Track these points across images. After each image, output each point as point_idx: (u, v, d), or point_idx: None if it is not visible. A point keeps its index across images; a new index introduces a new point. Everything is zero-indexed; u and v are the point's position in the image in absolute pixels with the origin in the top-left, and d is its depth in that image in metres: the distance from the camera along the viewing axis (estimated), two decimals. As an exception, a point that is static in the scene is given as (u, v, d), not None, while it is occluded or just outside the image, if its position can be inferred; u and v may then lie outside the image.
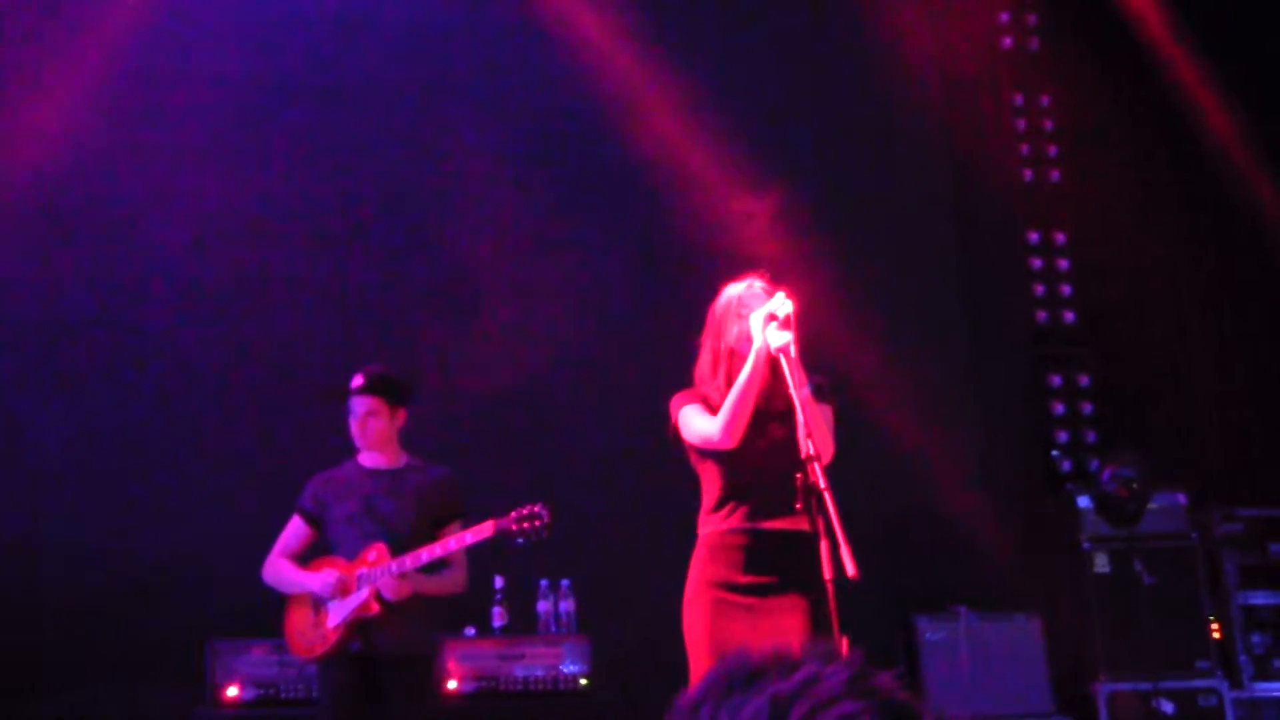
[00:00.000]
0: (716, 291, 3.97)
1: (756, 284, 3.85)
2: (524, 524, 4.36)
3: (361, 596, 4.42)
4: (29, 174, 6.55)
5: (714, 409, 3.74)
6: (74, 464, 6.34)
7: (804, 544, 3.37)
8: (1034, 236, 7.50)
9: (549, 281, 6.95)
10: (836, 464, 3.54)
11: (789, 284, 3.78)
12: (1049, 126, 7.65)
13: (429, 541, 4.46)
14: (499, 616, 5.90)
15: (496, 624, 5.88)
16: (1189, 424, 7.36)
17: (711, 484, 3.80)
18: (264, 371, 6.58)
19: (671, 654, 3.89)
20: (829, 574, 3.18)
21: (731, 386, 3.68)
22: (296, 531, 4.71)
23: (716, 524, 3.75)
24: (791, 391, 3.44)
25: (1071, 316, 7.42)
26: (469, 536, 4.39)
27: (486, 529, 4.37)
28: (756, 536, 3.68)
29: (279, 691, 5.48)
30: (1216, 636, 6.47)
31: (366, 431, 4.65)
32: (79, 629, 5.96)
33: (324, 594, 4.49)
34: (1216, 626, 6.50)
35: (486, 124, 7.10)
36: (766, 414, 3.72)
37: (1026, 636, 6.30)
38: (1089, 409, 7.28)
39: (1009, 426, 7.21)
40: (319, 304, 6.75)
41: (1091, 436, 7.23)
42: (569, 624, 5.88)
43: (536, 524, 4.36)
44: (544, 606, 5.91)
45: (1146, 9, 7.54)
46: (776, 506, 3.61)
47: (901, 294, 7.15)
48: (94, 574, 6.08)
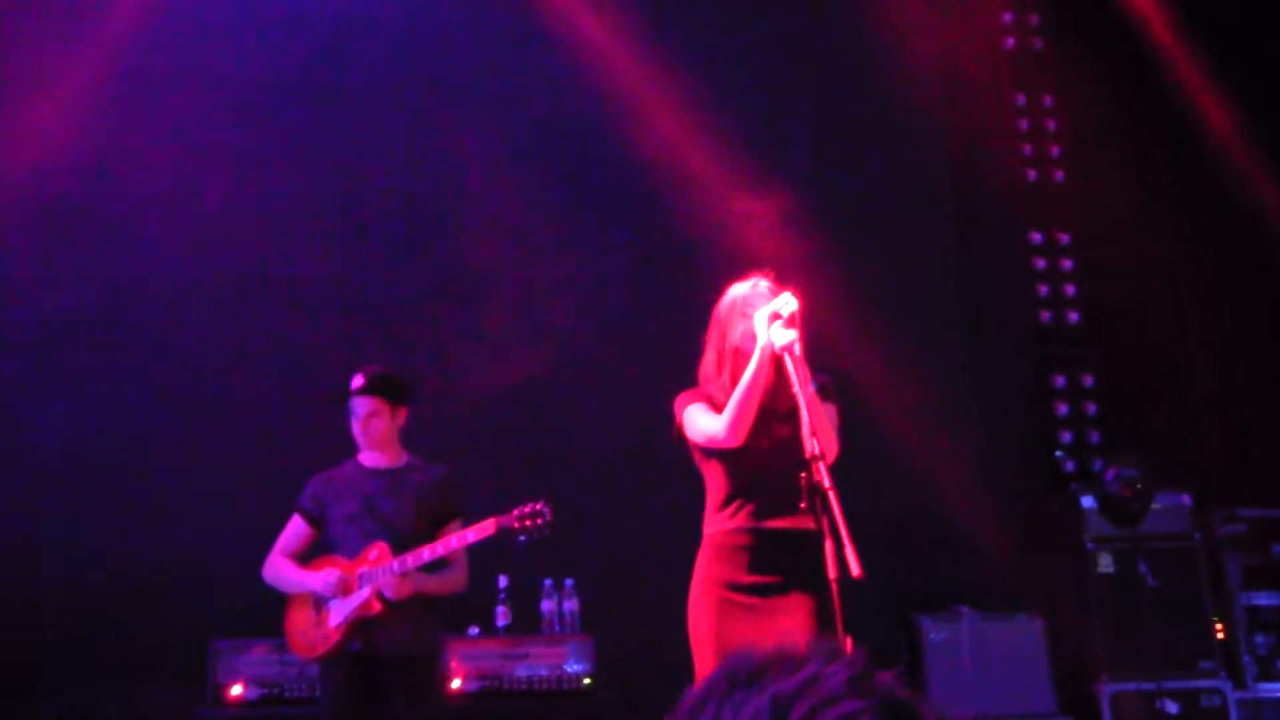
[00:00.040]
0: (717, 292, 3.96)
1: (762, 283, 3.84)
2: (526, 522, 4.35)
3: (363, 595, 4.41)
4: (29, 174, 6.54)
5: (719, 408, 3.72)
6: (74, 464, 6.34)
7: (809, 543, 3.35)
8: (1037, 237, 7.50)
9: (550, 281, 6.95)
10: (839, 464, 3.52)
11: (791, 284, 3.76)
12: (1052, 127, 7.64)
13: (429, 540, 4.45)
14: (503, 616, 5.89)
15: (500, 623, 5.88)
16: (1193, 424, 7.36)
17: (716, 483, 3.78)
18: (264, 371, 6.57)
19: (675, 654, 3.88)
20: (833, 574, 3.17)
21: (736, 385, 3.66)
22: (296, 531, 4.70)
23: (721, 523, 3.73)
24: (796, 390, 3.42)
25: (1075, 317, 7.41)
26: (471, 535, 4.38)
27: (488, 527, 4.36)
28: (761, 536, 3.66)
29: (282, 691, 5.48)
30: (1220, 637, 6.46)
31: (369, 432, 4.64)
32: (79, 629, 5.95)
33: (325, 593, 4.47)
34: (1220, 627, 6.49)
35: (487, 124, 7.10)
36: (771, 413, 3.71)
37: (1029, 637, 6.29)
38: (1093, 409, 7.27)
39: (1012, 427, 7.21)
40: (319, 304, 6.75)
41: (1095, 437, 7.22)
42: (573, 624, 5.87)
43: (539, 521, 4.35)
44: (548, 606, 5.91)
45: (1149, 10, 7.55)
46: (781, 506, 3.60)
47: (904, 294, 7.14)
48: (94, 574, 6.07)
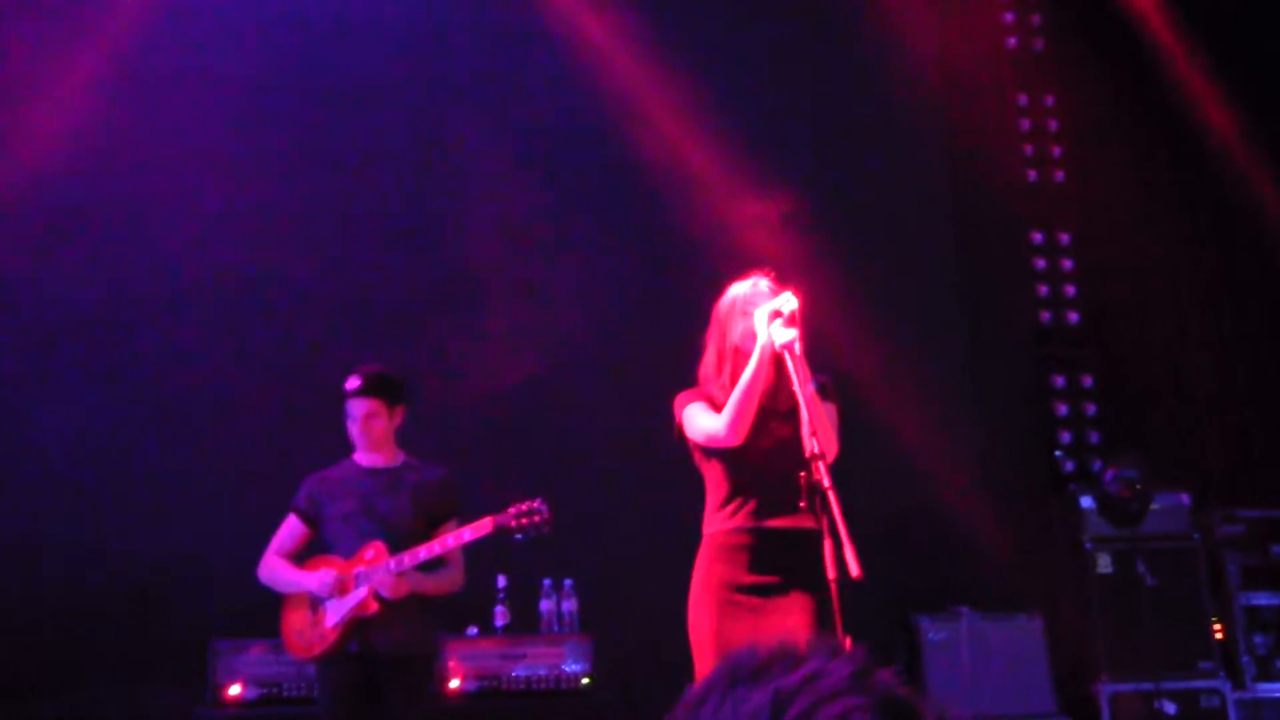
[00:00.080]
0: (718, 291, 3.96)
1: (762, 282, 3.84)
2: (523, 520, 4.34)
3: (359, 595, 4.40)
4: (29, 174, 6.53)
5: (719, 407, 3.72)
6: (74, 464, 6.33)
7: (809, 542, 3.35)
8: (1038, 237, 7.49)
9: (550, 282, 6.94)
10: (839, 463, 3.53)
11: (791, 284, 3.76)
12: (1053, 127, 7.64)
13: (426, 540, 4.44)
14: (501, 616, 5.89)
15: (499, 623, 5.88)
16: (1192, 425, 7.36)
17: (716, 483, 3.78)
18: (264, 371, 6.57)
19: (673, 654, 3.88)
20: (832, 574, 3.17)
21: (736, 384, 3.66)
22: (292, 531, 4.68)
23: (721, 523, 3.73)
24: (796, 389, 3.42)
25: (1075, 317, 7.40)
26: (468, 534, 4.37)
27: (485, 526, 4.35)
28: (761, 535, 3.66)
29: (281, 691, 5.47)
30: (1219, 637, 6.46)
31: (368, 433, 4.62)
32: (79, 629, 5.94)
33: (321, 593, 4.46)
34: (1219, 627, 6.49)
35: (487, 125, 7.10)
36: (771, 412, 3.71)
37: (1028, 637, 6.29)
38: (1092, 410, 7.27)
39: (1012, 427, 7.21)
40: (319, 304, 6.74)
41: (1094, 437, 7.22)
42: (571, 623, 5.87)
43: (536, 520, 4.34)
44: (546, 606, 5.91)
45: (1150, 10, 7.55)
46: (781, 505, 3.60)
47: (904, 294, 7.14)
48: (94, 574, 6.07)
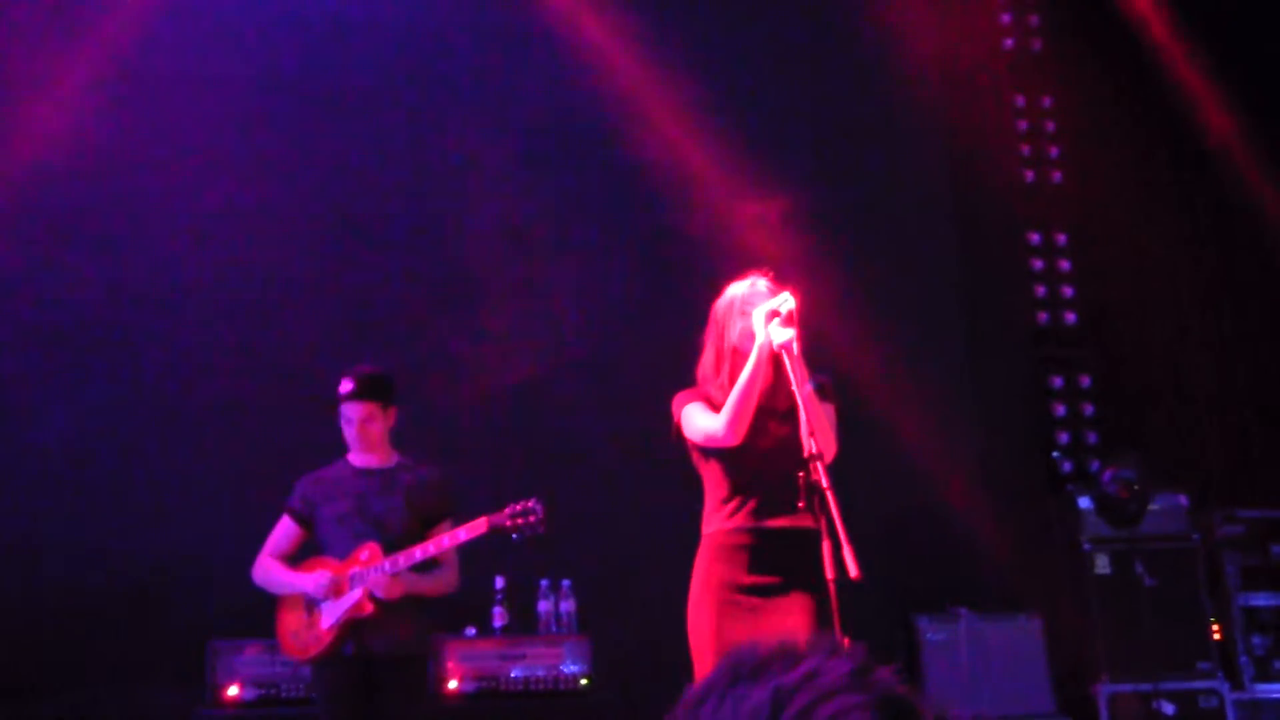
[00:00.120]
0: (716, 291, 3.96)
1: (760, 282, 3.83)
2: (518, 520, 4.33)
3: (354, 596, 4.40)
4: (29, 174, 6.54)
5: (717, 407, 3.72)
6: (74, 464, 6.33)
7: (808, 542, 3.35)
8: (1035, 237, 7.50)
9: (549, 282, 6.95)
10: (838, 464, 3.53)
11: (791, 284, 3.77)
12: (1051, 128, 7.64)
13: (421, 541, 4.44)
14: (499, 616, 5.89)
15: (497, 624, 5.88)
16: (1191, 425, 7.36)
17: (714, 483, 3.78)
18: (264, 371, 6.57)
19: (672, 654, 3.88)
20: (831, 574, 3.17)
21: (735, 384, 3.66)
22: (286, 532, 4.68)
23: (720, 523, 3.72)
24: (794, 389, 3.43)
25: (1073, 318, 7.41)
26: (463, 534, 4.37)
27: (480, 525, 4.34)
28: (761, 535, 3.66)
29: (280, 691, 5.48)
30: (1217, 638, 6.47)
31: (365, 436, 4.62)
32: (79, 629, 5.94)
33: (317, 595, 4.45)
34: (1217, 628, 6.50)
35: (487, 125, 7.10)
36: (769, 412, 3.71)
37: (1027, 637, 6.29)
38: (1090, 410, 7.27)
39: (1010, 427, 7.21)
40: (319, 304, 6.74)
41: (1092, 438, 7.22)
42: (569, 624, 5.87)
43: (531, 519, 4.33)
44: (544, 607, 5.91)
45: (1148, 11, 7.55)
46: (780, 505, 3.59)
47: (903, 294, 7.14)
48: (94, 574, 6.07)
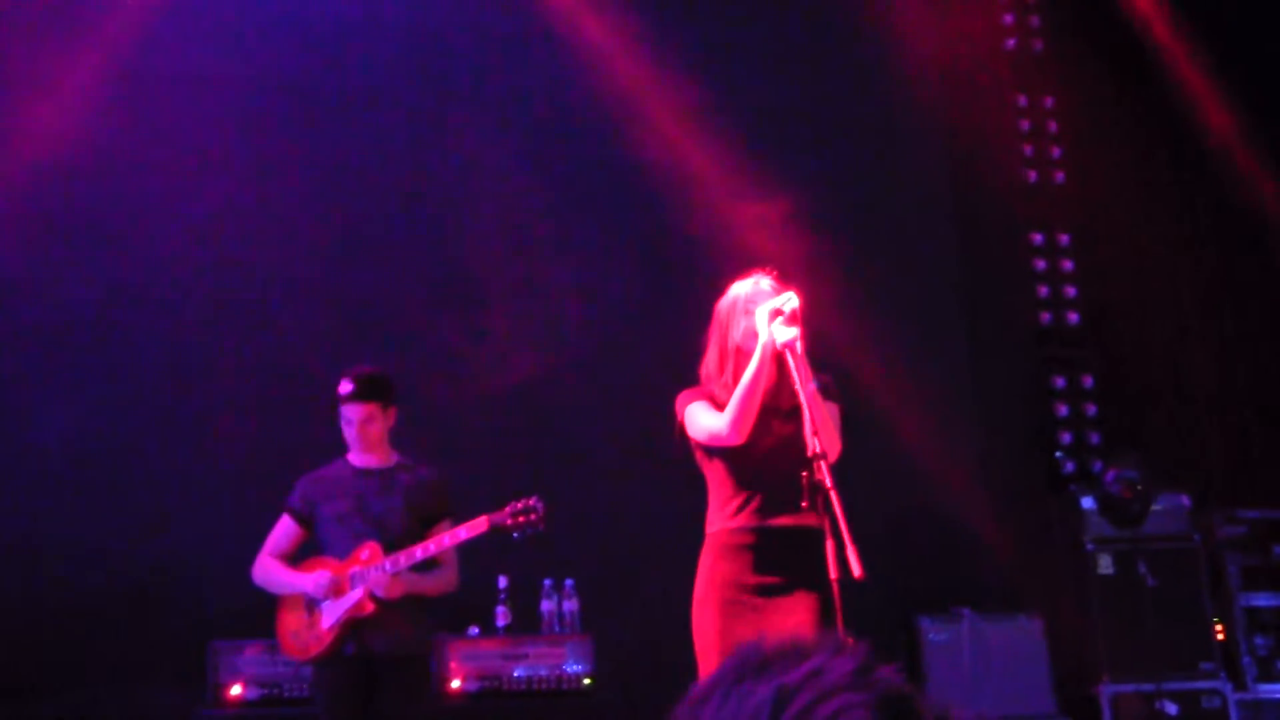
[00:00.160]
0: (718, 291, 3.96)
1: (763, 281, 3.84)
2: (519, 518, 4.33)
3: (355, 596, 4.39)
4: (29, 174, 6.53)
5: (720, 406, 3.72)
6: (74, 464, 6.32)
7: (812, 540, 3.34)
8: (1038, 238, 7.48)
9: (550, 282, 6.94)
10: (840, 464, 3.52)
11: (792, 285, 3.77)
12: (1053, 128, 7.63)
13: (421, 540, 4.43)
14: (502, 616, 5.88)
15: (500, 623, 5.87)
16: (1193, 425, 7.36)
17: (718, 482, 3.78)
18: (264, 371, 6.56)
19: (675, 654, 3.88)
20: (834, 574, 3.17)
21: (738, 383, 3.66)
22: (286, 531, 4.67)
23: (724, 522, 3.72)
24: (798, 387, 3.42)
25: (1075, 318, 7.40)
26: (463, 532, 4.36)
27: (481, 524, 4.34)
28: (765, 534, 3.65)
29: (281, 691, 5.47)
30: (1220, 638, 6.46)
31: (366, 437, 4.61)
32: (79, 629, 5.93)
33: (317, 595, 4.45)
34: (1220, 628, 6.49)
35: (487, 125, 7.10)
36: (773, 411, 3.71)
37: (1029, 638, 6.29)
38: (1093, 410, 7.26)
39: (1012, 427, 7.20)
40: (320, 304, 6.74)
41: (1095, 438, 7.21)
42: (572, 624, 5.86)
43: (532, 517, 4.33)
44: (547, 606, 5.89)
45: (1150, 11, 7.55)
46: (784, 503, 3.59)
47: (904, 295, 7.14)
48: (94, 574, 6.05)
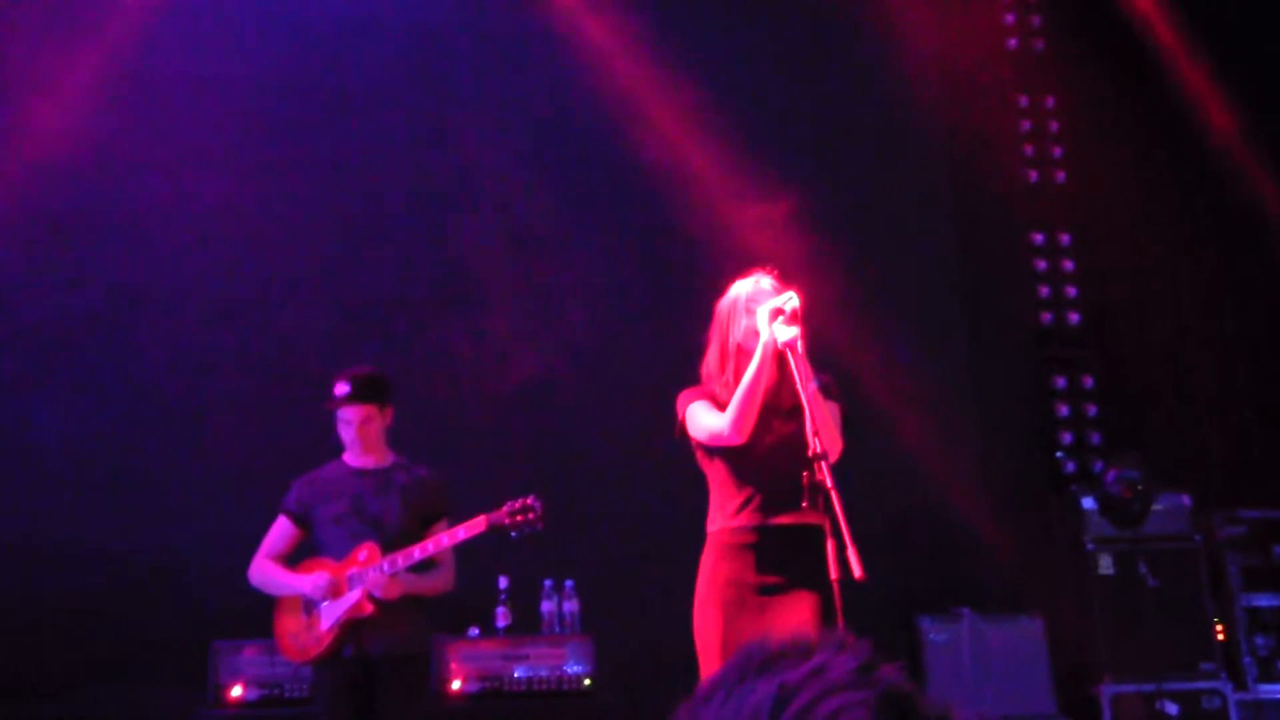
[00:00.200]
0: (720, 291, 3.96)
1: (764, 280, 3.84)
2: (517, 517, 4.32)
3: (353, 597, 4.39)
4: (29, 174, 6.53)
5: (722, 406, 3.72)
6: (74, 464, 6.32)
7: (814, 538, 3.34)
8: (1039, 238, 7.48)
9: (552, 282, 6.94)
10: (841, 464, 3.52)
11: (793, 284, 3.77)
12: (1054, 128, 7.62)
13: (418, 540, 4.43)
14: (503, 617, 5.87)
15: (500, 624, 5.86)
16: (1193, 425, 7.35)
17: (720, 481, 3.77)
18: (264, 371, 6.56)
19: (675, 654, 3.88)
20: (835, 574, 3.16)
21: (739, 382, 3.66)
22: (283, 533, 4.66)
23: (725, 521, 3.72)
24: (799, 386, 3.42)
25: (1076, 318, 7.39)
26: (461, 532, 4.36)
27: (479, 524, 4.34)
28: (766, 533, 3.65)
29: (282, 692, 5.46)
30: (1220, 638, 6.45)
31: (364, 438, 4.61)
32: (79, 629, 5.93)
33: (315, 596, 4.44)
34: (1220, 628, 6.48)
35: (488, 125, 7.09)
36: (774, 410, 3.71)
37: (1029, 638, 6.28)
38: (1093, 410, 7.26)
39: (1013, 427, 7.20)
40: (320, 305, 6.73)
41: (1096, 438, 7.20)
42: (573, 624, 5.86)
43: (530, 516, 4.32)
44: (548, 607, 5.89)
45: (1151, 11, 7.54)
46: (785, 502, 3.58)
47: (904, 294, 7.14)
48: (94, 574, 6.05)
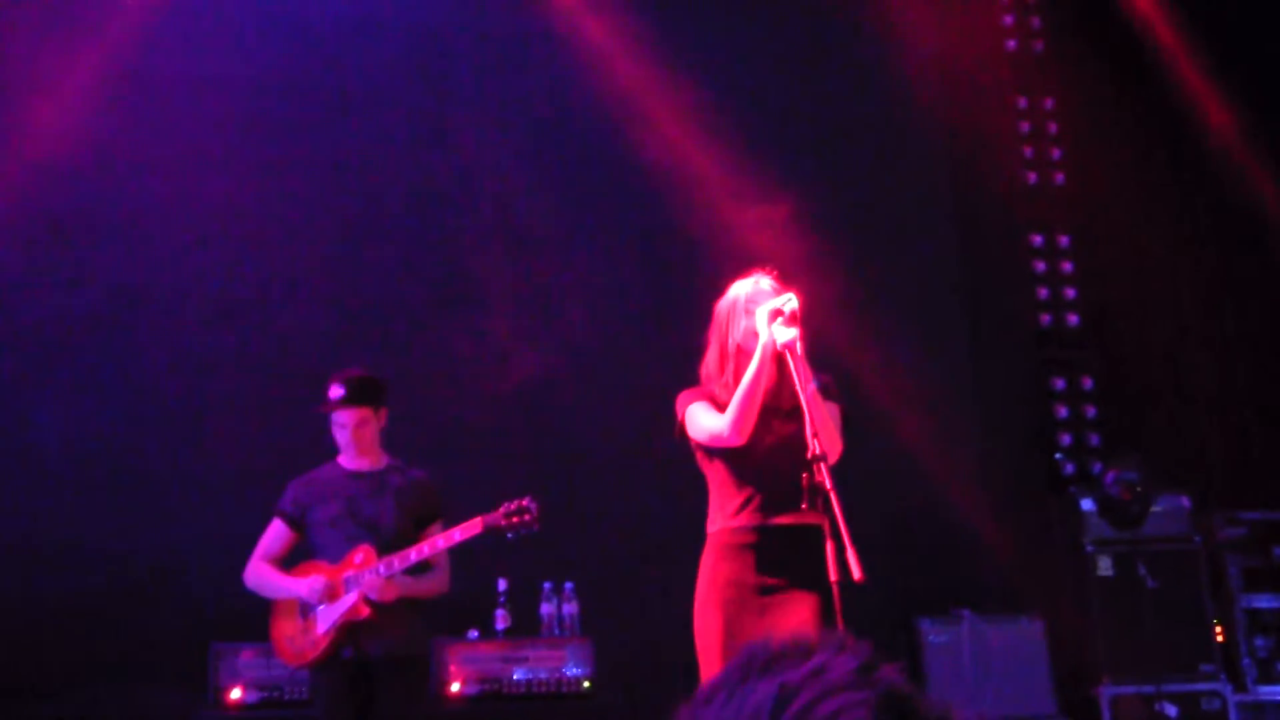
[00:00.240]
0: (720, 292, 3.96)
1: (764, 281, 3.84)
2: (513, 519, 4.32)
3: (350, 600, 4.38)
4: (29, 174, 6.52)
5: (721, 406, 3.72)
6: (74, 464, 6.32)
7: (814, 537, 3.33)
8: (1038, 239, 7.48)
9: (552, 282, 6.94)
10: (840, 464, 3.52)
11: (792, 285, 3.77)
12: (1053, 129, 7.62)
13: (414, 543, 4.43)
14: (502, 619, 5.87)
15: (500, 626, 5.86)
16: (1193, 426, 7.35)
17: (719, 482, 3.78)
18: (264, 371, 6.55)
19: (674, 656, 3.88)
20: (834, 575, 3.16)
21: (739, 383, 3.66)
22: (277, 535, 4.66)
23: (725, 521, 3.72)
24: (798, 388, 3.42)
25: (1075, 319, 7.39)
26: (458, 534, 4.36)
27: (475, 526, 4.33)
28: (766, 533, 3.65)
29: (282, 694, 5.46)
30: (1220, 640, 6.45)
31: (359, 441, 4.60)
32: (79, 629, 5.93)
33: (311, 599, 4.44)
34: (1220, 630, 6.48)
35: (488, 126, 7.09)
36: (774, 410, 3.71)
37: (1029, 639, 6.28)
38: (1092, 412, 7.26)
39: (1012, 429, 7.20)
40: (321, 305, 6.73)
41: (1095, 439, 7.20)
42: (572, 626, 5.86)
43: (526, 518, 4.32)
44: (547, 609, 5.89)
45: (1150, 12, 7.54)
46: (785, 502, 3.58)
47: (904, 296, 7.14)
48: (94, 574, 6.05)
